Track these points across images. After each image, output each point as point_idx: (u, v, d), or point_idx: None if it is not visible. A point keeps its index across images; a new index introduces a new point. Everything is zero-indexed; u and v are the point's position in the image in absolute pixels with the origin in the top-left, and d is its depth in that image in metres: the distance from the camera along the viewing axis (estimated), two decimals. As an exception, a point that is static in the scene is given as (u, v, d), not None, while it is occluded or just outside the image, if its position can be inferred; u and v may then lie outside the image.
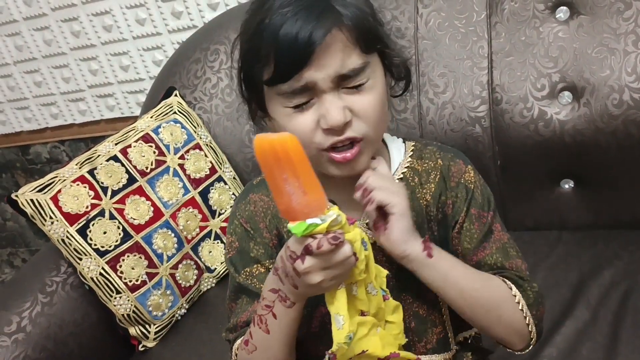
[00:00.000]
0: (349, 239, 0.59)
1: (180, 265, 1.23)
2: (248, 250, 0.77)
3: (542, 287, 1.03)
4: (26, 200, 1.13)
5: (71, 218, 1.13)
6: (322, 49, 0.62)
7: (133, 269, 1.16)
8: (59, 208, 1.13)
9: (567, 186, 1.15)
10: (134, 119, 1.38)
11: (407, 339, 0.71)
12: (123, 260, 1.16)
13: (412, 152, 0.77)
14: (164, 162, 1.26)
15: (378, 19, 0.69)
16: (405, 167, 0.76)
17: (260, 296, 0.69)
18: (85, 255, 1.13)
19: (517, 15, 1.11)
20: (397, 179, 0.74)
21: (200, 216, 1.29)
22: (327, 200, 0.60)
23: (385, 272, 0.67)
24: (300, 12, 0.62)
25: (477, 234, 0.73)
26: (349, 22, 0.63)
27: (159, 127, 1.29)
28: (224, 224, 1.32)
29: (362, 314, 0.64)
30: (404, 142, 0.79)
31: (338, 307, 0.61)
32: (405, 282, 0.72)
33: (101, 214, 1.16)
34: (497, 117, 1.12)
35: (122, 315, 1.16)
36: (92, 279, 1.14)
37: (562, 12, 1.08)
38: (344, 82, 0.65)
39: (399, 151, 0.78)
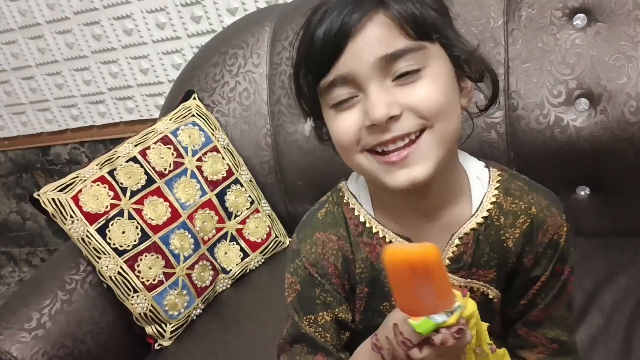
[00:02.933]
0: (466, 316, 0.56)
1: (196, 266, 1.25)
2: (313, 296, 0.69)
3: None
4: (48, 199, 1.15)
5: (91, 217, 1.16)
6: (358, 33, 0.56)
7: (150, 268, 1.18)
8: (80, 207, 1.15)
9: (582, 193, 1.15)
10: (153, 121, 1.40)
11: None
12: (141, 259, 1.17)
13: (498, 184, 0.67)
14: (182, 164, 1.28)
15: (438, 7, 0.60)
16: (491, 203, 0.66)
17: None
18: (104, 254, 1.15)
19: (534, 22, 1.12)
20: (482, 216, 0.65)
21: (216, 218, 1.30)
22: (453, 294, 0.55)
23: (485, 325, 0.63)
24: (340, 4, 0.57)
25: (553, 290, 0.68)
26: (392, 4, 0.56)
27: (177, 129, 1.31)
28: (240, 226, 1.33)
29: None
30: (486, 167, 0.70)
31: None
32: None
33: (120, 214, 1.18)
34: (513, 123, 1.12)
35: (139, 314, 1.18)
36: (110, 277, 1.16)
37: (580, 19, 1.09)
38: (391, 69, 0.57)
39: (480, 179, 0.68)
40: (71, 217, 1.15)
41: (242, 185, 1.34)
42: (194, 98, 1.40)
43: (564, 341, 0.71)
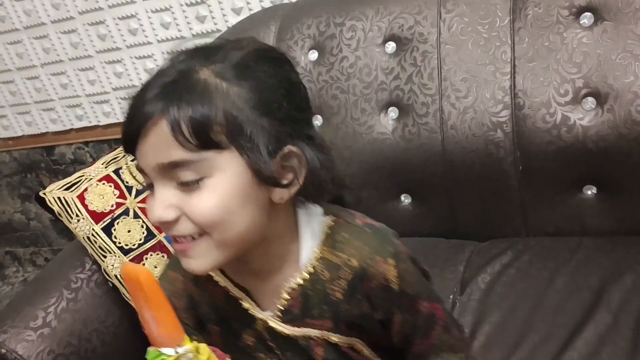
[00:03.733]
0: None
1: (201, 265, 1.25)
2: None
3: (563, 292, 1.04)
4: (53, 198, 1.15)
5: (97, 216, 1.16)
6: (144, 136, 0.57)
7: (156, 267, 1.18)
8: (85, 206, 1.16)
9: (589, 192, 1.14)
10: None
11: None
12: (146, 258, 1.18)
13: (325, 237, 0.68)
14: (188, 163, 1.28)
15: (247, 118, 0.57)
16: (316, 259, 0.67)
17: None
18: (110, 253, 1.15)
19: (540, 20, 1.12)
20: (307, 272, 0.68)
21: (222, 217, 1.30)
22: (185, 335, 0.59)
23: None
24: (145, 90, 0.58)
25: (420, 325, 0.70)
26: (176, 115, 0.56)
27: (183, 128, 1.31)
28: (245, 225, 1.33)
29: None
30: (324, 214, 0.70)
31: None
32: None
33: (126, 212, 1.18)
34: (519, 122, 1.12)
35: (145, 313, 1.18)
36: (116, 276, 1.16)
37: (587, 18, 1.08)
38: (172, 173, 0.58)
39: (313, 234, 0.68)
40: (77, 215, 1.15)
41: (247, 185, 1.34)
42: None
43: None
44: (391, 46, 1.24)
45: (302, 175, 0.62)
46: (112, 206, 1.17)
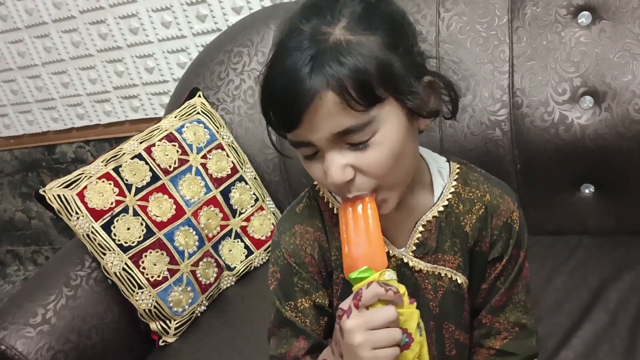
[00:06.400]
0: (403, 312, 0.60)
1: (200, 263, 1.25)
2: (292, 284, 0.75)
3: (561, 291, 1.04)
4: (53, 195, 1.16)
5: (96, 214, 1.16)
6: (310, 112, 0.58)
7: (155, 265, 1.18)
8: (85, 204, 1.16)
9: (587, 191, 1.14)
10: (158, 120, 1.40)
11: None
12: (145, 256, 1.18)
13: (457, 176, 0.73)
14: (187, 161, 1.29)
15: (393, 62, 0.60)
16: (450, 193, 0.72)
17: None
18: (109, 250, 1.16)
19: (539, 19, 1.12)
20: (442, 205, 0.72)
21: (221, 215, 1.31)
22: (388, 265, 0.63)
23: (424, 339, 0.66)
24: (293, 70, 0.58)
25: (512, 273, 0.73)
26: (340, 82, 0.57)
27: (182, 126, 1.32)
28: (245, 223, 1.34)
29: None
30: (447, 161, 0.75)
31: None
32: (447, 311, 0.74)
33: (125, 210, 1.18)
34: (518, 121, 1.12)
35: (144, 310, 1.18)
36: (115, 273, 1.16)
37: (584, 17, 1.09)
38: (344, 139, 0.60)
39: (441, 173, 0.74)
40: (76, 213, 1.15)
41: (246, 183, 1.35)
42: (199, 96, 1.40)
43: (524, 324, 0.75)
44: (390, 45, 1.24)
45: (441, 101, 0.66)
46: (111, 204, 1.18)
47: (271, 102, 0.62)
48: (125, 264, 1.16)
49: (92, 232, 1.15)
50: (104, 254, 1.16)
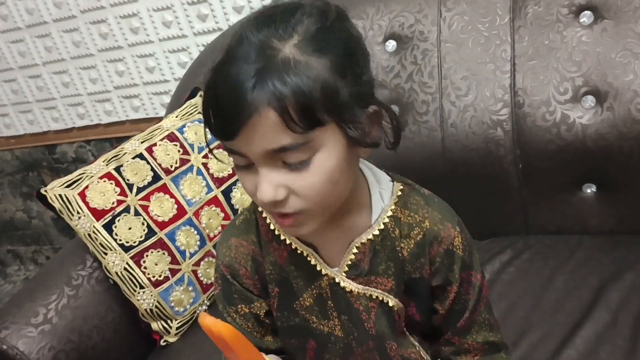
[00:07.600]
0: None
1: (202, 263, 1.25)
2: (231, 292, 0.77)
3: (562, 291, 1.04)
4: (55, 195, 1.16)
5: (97, 213, 1.16)
6: (248, 126, 0.56)
7: (156, 264, 1.18)
8: (86, 203, 1.16)
9: (589, 191, 1.14)
10: (159, 119, 1.40)
11: None
12: (147, 256, 1.18)
13: (397, 199, 0.71)
14: (188, 160, 1.29)
15: (339, 88, 0.57)
16: (388, 217, 0.70)
17: None
18: (111, 250, 1.16)
19: (540, 19, 1.12)
20: (378, 229, 0.70)
21: (222, 215, 1.31)
22: None
23: None
24: (236, 81, 0.56)
25: (471, 297, 0.72)
26: (282, 102, 0.55)
27: (183, 126, 1.32)
28: (246, 223, 1.34)
29: None
30: (391, 180, 0.73)
31: None
32: (383, 332, 0.74)
33: (126, 210, 1.18)
34: (519, 121, 1.12)
35: (145, 310, 1.18)
36: (116, 273, 1.16)
37: (586, 17, 1.09)
38: (280, 155, 0.58)
39: (382, 195, 0.72)
40: (78, 213, 1.15)
41: (247, 183, 1.35)
42: (200, 95, 1.40)
43: (492, 341, 0.75)
44: (391, 44, 1.24)
45: (383, 131, 0.65)
46: (113, 203, 1.18)
47: (211, 106, 0.59)
48: (127, 263, 1.16)
49: (93, 232, 1.15)
50: (106, 254, 1.16)
